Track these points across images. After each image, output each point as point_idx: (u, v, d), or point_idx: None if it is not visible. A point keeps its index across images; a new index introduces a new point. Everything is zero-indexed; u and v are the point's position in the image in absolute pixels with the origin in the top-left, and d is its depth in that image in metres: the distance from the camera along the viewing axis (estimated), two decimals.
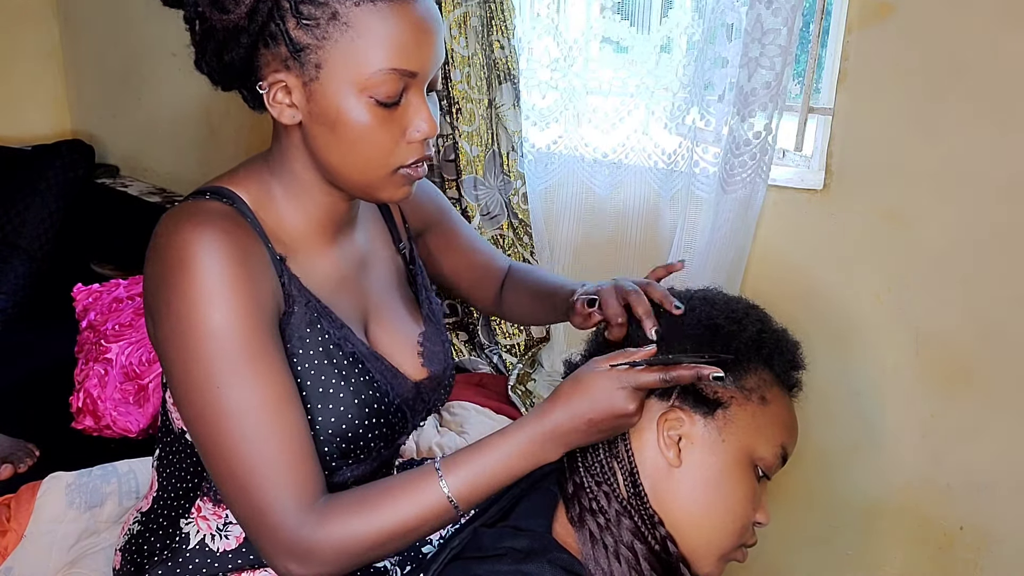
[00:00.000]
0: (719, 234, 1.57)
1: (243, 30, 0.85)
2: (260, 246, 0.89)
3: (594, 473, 0.88)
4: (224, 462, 0.85)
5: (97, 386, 1.64)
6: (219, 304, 0.83)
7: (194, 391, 0.85)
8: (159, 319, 0.86)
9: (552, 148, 1.78)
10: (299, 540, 0.84)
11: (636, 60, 1.65)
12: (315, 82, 0.85)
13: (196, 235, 0.84)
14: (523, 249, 1.79)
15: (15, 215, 2.31)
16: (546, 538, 0.88)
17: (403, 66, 0.85)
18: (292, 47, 0.85)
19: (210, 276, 0.83)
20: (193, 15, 0.89)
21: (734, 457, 0.86)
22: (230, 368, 0.84)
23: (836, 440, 1.61)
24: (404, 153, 0.89)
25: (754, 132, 1.49)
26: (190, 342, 0.84)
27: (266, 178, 0.94)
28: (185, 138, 2.42)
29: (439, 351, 1.06)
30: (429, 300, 1.10)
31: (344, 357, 0.93)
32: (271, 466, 0.84)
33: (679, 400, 0.86)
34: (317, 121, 0.87)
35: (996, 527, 1.52)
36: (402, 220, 1.12)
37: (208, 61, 0.90)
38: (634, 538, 0.85)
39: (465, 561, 0.88)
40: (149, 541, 1.01)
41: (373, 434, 0.95)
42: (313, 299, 0.93)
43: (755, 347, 0.88)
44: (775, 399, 0.88)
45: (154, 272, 0.87)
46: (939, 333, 1.50)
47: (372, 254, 1.05)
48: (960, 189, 1.43)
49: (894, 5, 1.41)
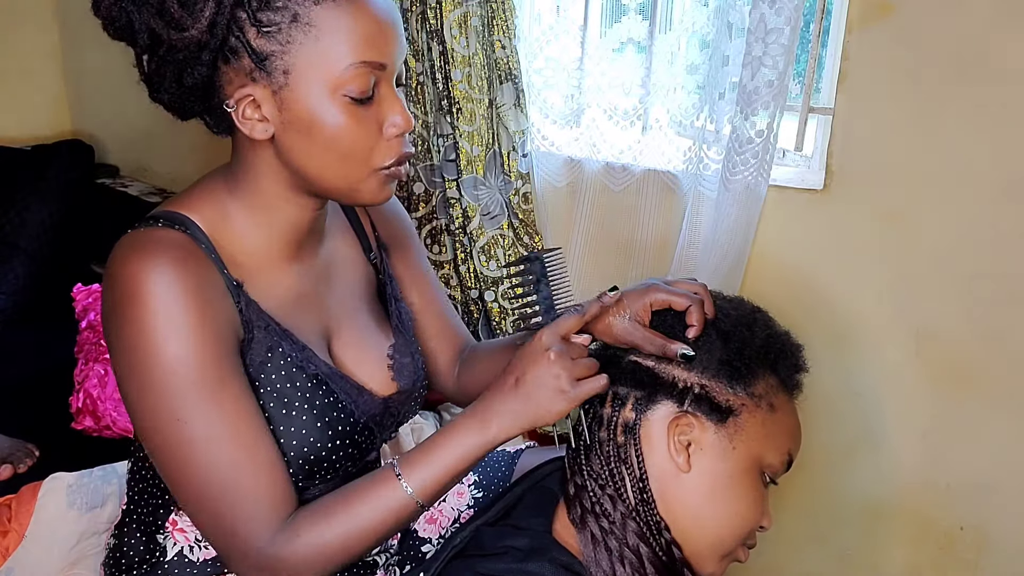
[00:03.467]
0: (720, 233, 1.57)
1: (204, 46, 0.83)
2: (215, 273, 0.87)
3: (599, 476, 0.88)
4: (191, 490, 0.85)
5: (97, 386, 1.64)
6: (173, 336, 0.81)
7: (155, 424, 0.84)
8: (114, 352, 0.85)
9: (567, 149, 1.78)
10: (270, 557, 0.85)
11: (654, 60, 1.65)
12: (285, 89, 0.84)
13: (147, 267, 0.82)
14: (523, 249, 1.79)
15: (15, 215, 2.31)
16: (547, 537, 0.88)
17: (371, 58, 0.84)
18: (256, 57, 0.83)
19: (163, 308, 0.81)
20: (144, 45, 0.86)
21: (743, 464, 0.86)
22: (191, 400, 0.83)
23: (836, 440, 1.61)
24: (384, 152, 0.88)
25: (756, 131, 1.49)
26: (147, 376, 0.82)
27: (223, 198, 0.92)
28: (185, 138, 2.42)
29: (409, 364, 1.04)
30: (399, 311, 1.07)
31: (308, 379, 0.92)
32: (240, 492, 0.84)
33: (692, 405, 0.86)
34: (292, 129, 0.85)
35: (996, 527, 1.52)
36: (372, 229, 1.10)
37: (167, 89, 0.87)
38: (640, 541, 0.85)
39: (466, 559, 0.88)
40: (127, 555, 1.00)
41: (339, 455, 0.94)
42: (272, 323, 0.91)
43: (763, 352, 0.88)
44: (782, 405, 0.88)
45: (107, 304, 0.85)
46: (939, 333, 1.50)
47: (338, 265, 1.03)
48: (960, 189, 1.43)
49: (894, 5, 1.41)
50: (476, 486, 1.17)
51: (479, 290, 1.83)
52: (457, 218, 1.80)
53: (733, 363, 0.86)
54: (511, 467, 1.18)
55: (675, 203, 1.67)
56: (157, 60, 0.86)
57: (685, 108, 1.62)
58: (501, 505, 0.95)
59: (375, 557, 1.06)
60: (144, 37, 0.85)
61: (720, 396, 0.86)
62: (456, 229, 1.82)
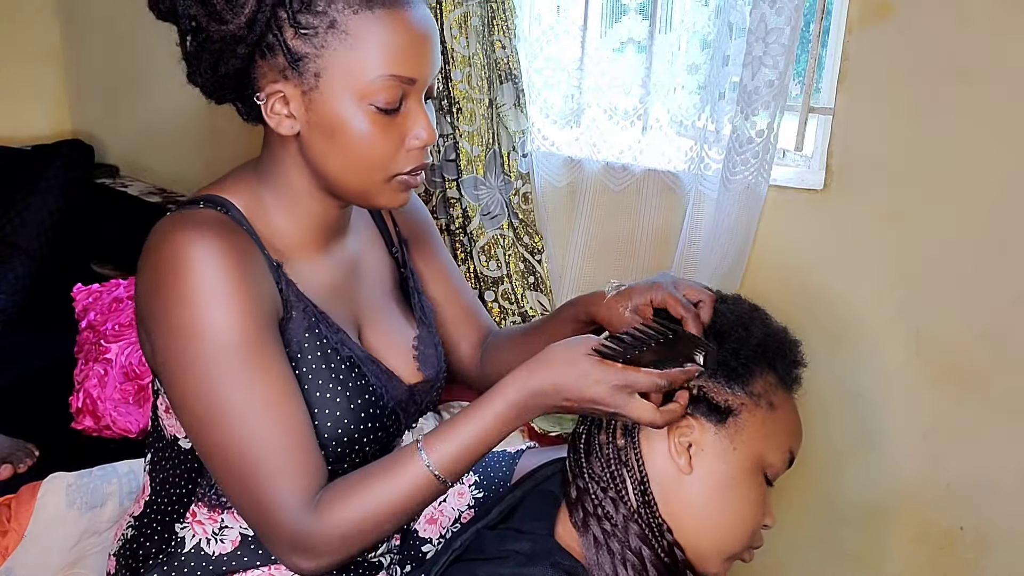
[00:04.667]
0: (720, 233, 1.57)
1: (241, 40, 0.85)
2: (257, 252, 0.90)
3: (600, 479, 0.87)
4: (227, 462, 0.86)
5: (97, 386, 1.64)
6: (218, 306, 0.83)
7: (194, 395, 0.85)
8: (156, 328, 0.86)
9: (567, 149, 1.78)
10: (302, 535, 0.85)
11: (654, 60, 1.65)
12: (314, 91, 0.86)
13: (192, 241, 0.84)
14: (523, 249, 1.79)
15: (15, 215, 2.31)
16: (549, 541, 0.88)
17: (402, 73, 0.86)
18: (290, 57, 0.85)
19: (208, 279, 0.83)
20: (187, 28, 0.88)
21: (745, 465, 0.86)
22: (232, 368, 0.84)
23: (836, 440, 1.61)
24: (403, 160, 0.90)
25: (756, 131, 1.49)
26: (190, 346, 0.84)
27: (256, 187, 0.94)
28: (185, 138, 2.42)
29: (432, 354, 1.07)
30: (421, 304, 1.10)
31: (342, 361, 0.94)
32: (274, 464, 0.85)
33: (690, 407, 0.86)
34: (316, 130, 0.88)
35: (996, 528, 1.52)
36: (393, 225, 1.13)
37: (203, 73, 0.90)
38: (642, 544, 0.85)
39: (467, 563, 0.88)
40: (144, 545, 1.00)
41: (369, 438, 0.95)
42: (310, 304, 0.93)
43: (761, 351, 0.88)
44: (782, 403, 0.88)
45: (149, 281, 0.86)
46: (939, 333, 1.50)
47: (364, 260, 1.05)
48: (960, 189, 1.43)
49: (894, 5, 1.41)
50: (477, 486, 1.17)
51: (479, 290, 1.83)
52: (457, 218, 1.80)
53: (730, 363, 0.86)
54: (512, 467, 1.18)
55: (675, 203, 1.67)
56: (196, 45, 0.89)
57: (685, 108, 1.62)
58: (502, 508, 0.95)
59: (380, 558, 1.06)
60: (187, 22, 0.87)
61: (719, 397, 0.86)
62: (456, 229, 1.82)
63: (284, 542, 0.86)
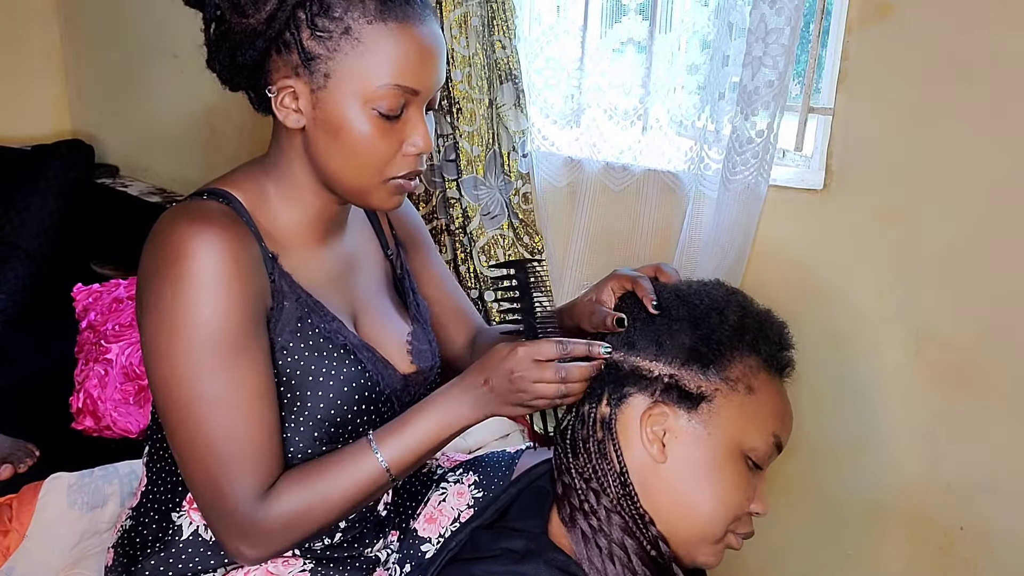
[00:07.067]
0: (720, 233, 1.57)
1: (259, 34, 0.90)
2: (254, 244, 0.94)
3: (582, 472, 0.88)
4: (192, 445, 0.91)
5: (97, 386, 1.64)
6: (210, 298, 0.88)
7: (173, 378, 0.89)
8: (148, 308, 0.91)
9: (567, 149, 1.78)
10: (248, 524, 0.91)
11: (654, 60, 1.65)
12: (322, 90, 0.91)
13: (194, 231, 0.88)
14: (523, 249, 1.79)
15: (15, 215, 2.31)
16: (542, 539, 0.88)
17: (406, 83, 0.92)
18: (304, 56, 0.90)
19: (205, 271, 0.88)
20: (212, 16, 0.94)
21: (722, 450, 0.85)
22: (212, 361, 0.88)
23: (836, 440, 1.61)
24: (399, 164, 0.95)
25: (756, 131, 1.49)
26: (177, 331, 0.88)
27: (261, 179, 1.00)
28: (185, 138, 2.42)
29: (427, 350, 1.11)
30: (416, 302, 1.16)
31: (335, 349, 0.98)
32: (236, 456, 0.90)
33: (662, 395, 0.86)
34: (320, 127, 0.93)
35: (996, 527, 1.52)
36: (389, 227, 1.18)
37: (221, 61, 0.95)
38: (625, 535, 0.85)
39: (462, 563, 0.88)
40: (141, 534, 1.02)
41: (361, 419, 1.00)
42: (304, 294, 0.98)
43: (738, 334, 0.87)
44: (763, 386, 0.87)
45: (150, 264, 0.91)
46: (939, 333, 1.50)
47: (360, 257, 1.10)
48: (960, 189, 1.43)
49: (894, 5, 1.41)
50: (476, 486, 1.17)
51: (479, 290, 1.83)
52: (457, 218, 1.80)
53: (700, 349, 0.86)
54: (511, 468, 1.18)
55: (675, 203, 1.67)
56: (219, 33, 0.94)
57: (685, 108, 1.62)
58: (497, 506, 0.95)
59: (377, 553, 1.07)
60: (212, 10, 0.93)
61: (691, 384, 0.85)
62: (456, 229, 1.82)
63: (232, 529, 0.91)
